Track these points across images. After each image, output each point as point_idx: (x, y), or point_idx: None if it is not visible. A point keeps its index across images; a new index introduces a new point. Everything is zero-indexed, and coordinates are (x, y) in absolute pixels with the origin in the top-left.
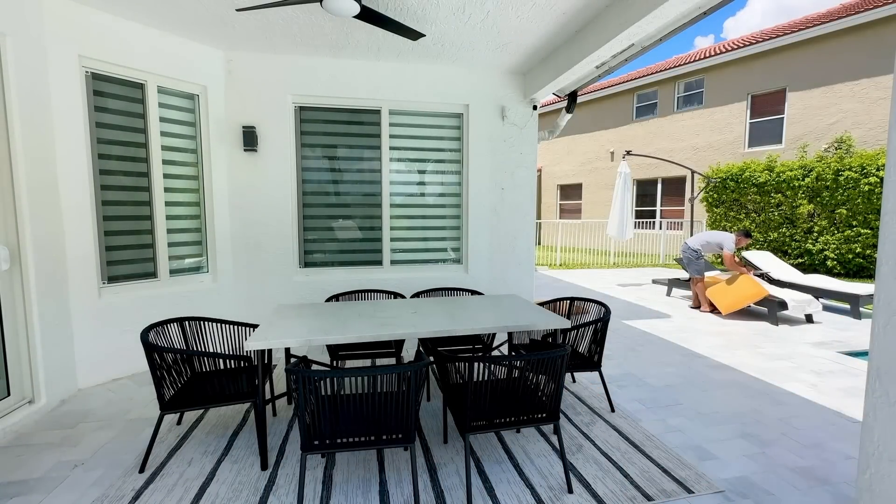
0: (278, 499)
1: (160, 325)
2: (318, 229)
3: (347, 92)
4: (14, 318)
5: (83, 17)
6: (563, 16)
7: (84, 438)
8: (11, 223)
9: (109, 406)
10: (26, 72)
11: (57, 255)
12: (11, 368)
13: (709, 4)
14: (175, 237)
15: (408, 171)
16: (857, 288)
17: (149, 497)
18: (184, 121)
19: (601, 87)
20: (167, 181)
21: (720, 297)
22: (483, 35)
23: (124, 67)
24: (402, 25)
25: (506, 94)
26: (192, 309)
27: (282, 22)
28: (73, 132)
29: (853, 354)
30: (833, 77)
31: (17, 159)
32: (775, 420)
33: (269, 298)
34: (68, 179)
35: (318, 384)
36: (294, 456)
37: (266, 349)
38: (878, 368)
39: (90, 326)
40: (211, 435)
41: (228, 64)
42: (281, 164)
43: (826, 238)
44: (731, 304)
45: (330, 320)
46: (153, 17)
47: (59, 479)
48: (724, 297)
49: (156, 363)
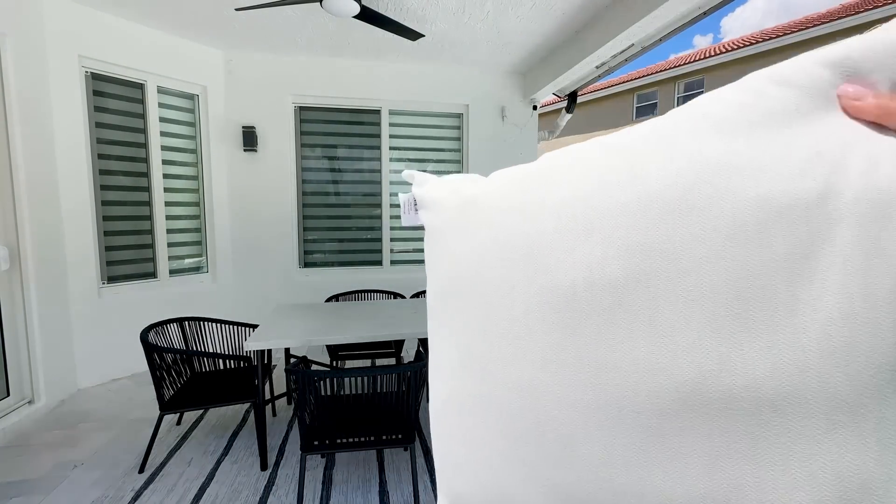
0: (278, 499)
1: (160, 325)
2: (318, 229)
3: (347, 92)
4: (13, 319)
5: (83, 17)
6: (563, 16)
7: (84, 438)
8: (11, 223)
9: (109, 406)
10: (26, 72)
11: (56, 255)
12: (11, 368)
13: (709, 4)
14: (175, 237)
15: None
16: None
17: (148, 497)
18: (183, 121)
19: (601, 87)
20: (167, 181)
21: None
22: (483, 35)
23: (124, 67)
24: (401, 25)
25: (506, 94)
26: (192, 309)
27: (281, 22)
28: (72, 132)
29: None
30: None
31: (17, 159)
32: None
33: (269, 298)
34: (68, 179)
35: (318, 384)
36: (294, 456)
37: (266, 349)
38: None
39: (90, 326)
40: (211, 435)
41: (228, 64)
42: (281, 164)
43: None
44: None
45: (330, 320)
46: (153, 17)
47: (58, 480)
48: None
49: (155, 363)
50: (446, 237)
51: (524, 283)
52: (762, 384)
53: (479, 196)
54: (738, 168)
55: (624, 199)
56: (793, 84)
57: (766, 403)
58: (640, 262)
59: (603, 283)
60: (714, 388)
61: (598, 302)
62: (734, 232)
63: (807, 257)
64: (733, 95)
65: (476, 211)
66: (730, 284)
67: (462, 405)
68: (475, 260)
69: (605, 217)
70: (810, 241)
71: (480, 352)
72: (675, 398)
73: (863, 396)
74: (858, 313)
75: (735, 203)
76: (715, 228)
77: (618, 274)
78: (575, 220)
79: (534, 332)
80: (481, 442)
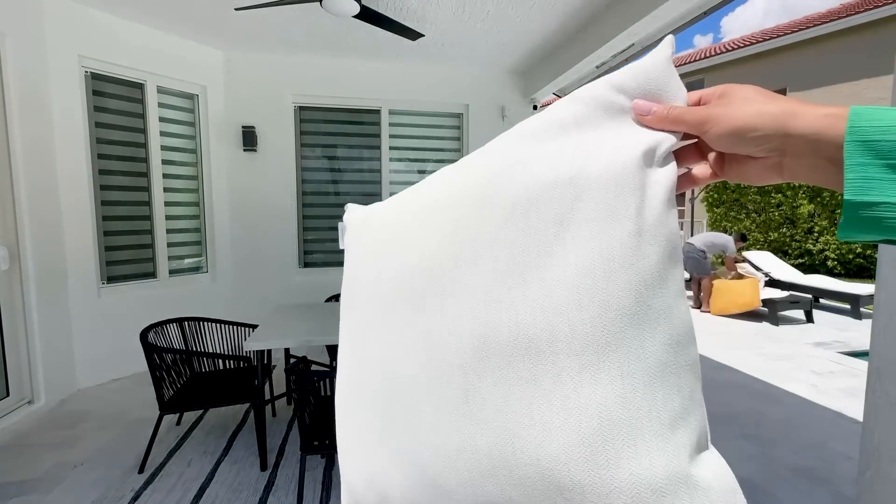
0: (277, 499)
1: (159, 325)
2: (318, 229)
3: (347, 92)
4: (13, 319)
5: (83, 17)
6: (564, 15)
7: (83, 439)
8: (11, 223)
9: (109, 406)
10: (26, 72)
11: (56, 255)
12: (11, 369)
13: (709, 4)
14: (174, 237)
15: (408, 170)
16: (857, 288)
17: (148, 497)
18: (183, 121)
19: None
20: (167, 181)
21: (718, 297)
22: (483, 35)
23: (124, 67)
24: (401, 25)
25: (506, 93)
26: (192, 309)
27: (281, 22)
28: (72, 132)
29: (853, 354)
30: (833, 77)
31: (17, 159)
32: (775, 420)
33: (269, 298)
34: (68, 179)
35: (317, 384)
36: (294, 456)
37: (266, 350)
38: (878, 369)
39: (89, 326)
40: (210, 435)
41: (228, 64)
42: (280, 163)
43: (826, 238)
44: (722, 308)
45: (330, 320)
46: (153, 16)
47: (58, 480)
48: (719, 299)
49: (155, 363)
50: (348, 248)
51: (385, 273)
52: (531, 330)
53: (367, 217)
54: (524, 161)
55: (452, 192)
56: (579, 100)
57: (536, 348)
58: (454, 241)
59: (430, 263)
60: (500, 336)
61: (425, 279)
62: (514, 205)
63: (561, 223)
64: (546, 111)
65: (365, 228)
66: (514, 246)
67: (347, 395)
68: (360, 260)
69: (437, 210)
70: (564, 210)
71: (358, 340)
72: (474, 349)
73: (605, 338)
74: (597, 266)
75: (516, 185)
76: (502, 206)
77: (440, 254)
78: (419, 216)
79: (386, 314)
80: (360, 427)
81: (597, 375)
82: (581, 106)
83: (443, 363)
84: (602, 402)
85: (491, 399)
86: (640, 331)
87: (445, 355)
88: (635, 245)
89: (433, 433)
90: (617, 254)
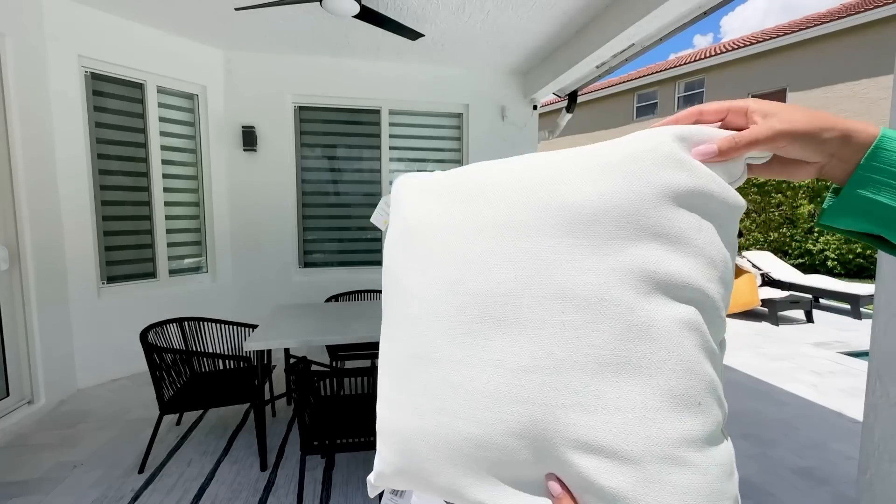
0: (277, 499)
1: (159, 325)
2: (318, 229)
3: (347, 92)
4: (13, 319)
5: (83, 17)
6: (564, 15)
7: (83, 439)
8: (11, 223)
9: (109, 406)
10: (26, 72)
11: (56, 255)
12: (10, 369)
13: (709, 4)
14: (174, 237)
15: (407, 170)
16: (857, 288)
17: (148, 497)
18: (183, 121)
19: (601, 87)
20: (166, 181)
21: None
22: (483, 35)
23: (124, 67)
24: (401, 25)
25: (506, 94)
26: (192, 309)
27: (281, 21)
28: (72, 132)
29: (853, 354)
30: (833, 77)
31: (17, 159)
32: (776, 420)
33: (269, 298)
34: (67, 179)
35: (317, 384)
36: (293, 456)
37: (266, 350)
38: (878, 368)
39: (89, 327)
40: (210, 435)
41: (228, 63)
42: (280, 163)
43: (826, 238)
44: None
45: (330, 320)
46: (152, 16)
47: (58, 480)
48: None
49: (155, 363)
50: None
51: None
52: (495, 293)
53: (417, 225)
54: (565, 182)
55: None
56: (632, 143)
57: (491, 312)
58: (500, 235)
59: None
60: (476, 286)
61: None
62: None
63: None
64: (599, 147)
65: (413, 234)
66: (548, 219)
67: (386, 369)
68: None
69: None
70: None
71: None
72: (480, 304)
73: (509, 307)
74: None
75: (556, 196)
76: (537, 208)
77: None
78: (471, 231)
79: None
80: (393, 393)
81: (510, 335)
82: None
83: (465, 307)
84: (513, 354)
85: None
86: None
87: (469, 300)
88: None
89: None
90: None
